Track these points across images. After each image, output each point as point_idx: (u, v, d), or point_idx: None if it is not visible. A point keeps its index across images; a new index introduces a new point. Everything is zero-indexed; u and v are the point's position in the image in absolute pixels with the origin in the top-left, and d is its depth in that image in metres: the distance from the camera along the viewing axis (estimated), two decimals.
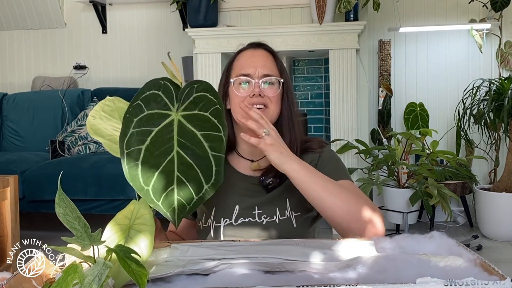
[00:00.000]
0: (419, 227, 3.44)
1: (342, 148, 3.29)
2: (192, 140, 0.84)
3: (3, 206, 2.39)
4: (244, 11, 3.68)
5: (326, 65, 3.62)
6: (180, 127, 0.85)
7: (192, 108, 0.86)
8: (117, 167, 1.09)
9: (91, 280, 0.67)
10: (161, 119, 0.85)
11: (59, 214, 0.73)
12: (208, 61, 3.49)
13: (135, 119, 0.84)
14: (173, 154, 0.84)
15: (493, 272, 0.74)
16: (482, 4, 3.50)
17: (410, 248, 0.88)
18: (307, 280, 0.78)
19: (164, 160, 0.83)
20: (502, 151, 3.49)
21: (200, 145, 0.84)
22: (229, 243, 0.94)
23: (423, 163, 3.08)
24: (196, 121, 0.85)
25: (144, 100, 0.86)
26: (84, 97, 3.97)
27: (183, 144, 0.84)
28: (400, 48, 3.73)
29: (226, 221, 1.27)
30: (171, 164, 0.83)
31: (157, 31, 4.12)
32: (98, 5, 4.03)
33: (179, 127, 0.85)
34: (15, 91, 4.24)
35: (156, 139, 0.84)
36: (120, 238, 0.81)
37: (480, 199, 3.29)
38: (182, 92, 0.88)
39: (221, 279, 0.79)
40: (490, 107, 3.14)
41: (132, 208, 0.85)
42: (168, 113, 0.85)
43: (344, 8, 3.28)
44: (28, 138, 3.95)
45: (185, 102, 0.87)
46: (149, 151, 0.83)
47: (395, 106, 3.73)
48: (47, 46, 4.32)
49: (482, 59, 3.63)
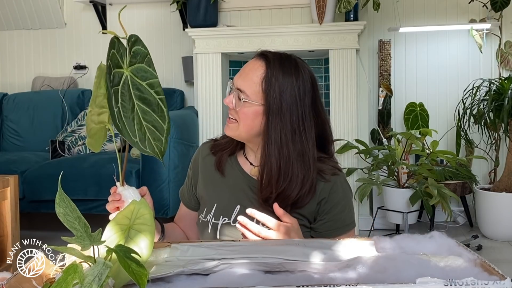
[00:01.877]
0: (419, 227, 3.44)
1: (342, 148, 3.29)
2: (143, 90, 1.00)
3: (3, 206, 2.39)
4: (244, 11, 3.68)
5: (326, 65, 3.62)
6: (132, 82, 1.00)
7: (134, 62, 1.00)
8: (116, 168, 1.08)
9: (91, 280, 0.67)
10: (120, 77, 0.99)
11: (59, 214, 0.73)
12: (208, 61, 3.49)
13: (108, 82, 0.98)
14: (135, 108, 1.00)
15: (493, 272, 0.74)
16: (482, 4, 3.50)
17: (410, 248, 0.88)
18: (307, 280, 0.78)
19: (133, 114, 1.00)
20: (502, 151, 3.49)
21: (148, 92, 1.00)
22: (229, 243, 0.94)
23: (423, 163, 3.08)
24: (140, 72, 1.00)
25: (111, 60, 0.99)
26: (84, 97, 3.97)
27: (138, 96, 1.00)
28: (400, 48, 3.73)
29: (224, 220, 1.28)
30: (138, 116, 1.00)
31: (157, 31, 4.12)
32: (98, 5, 4.03)
33: (131, 82, 0.99)
34: (15, 91, 4.24)
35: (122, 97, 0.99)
36: (120, 238, 0.81)
37: (480, 199, 3.29)
38: (126, 48, 1.01)
39: (221, 279, 0.79)
40: (490, 107, 3.14)
41: (132, 208, 0.85)
42: (121, 71, 0.99)
43: (344, 8, 3.28)
44: (28, 138, 3.95)
45: (129, 57, 1.01)
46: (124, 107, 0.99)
47: (395, 106, 3.73)
48: (47, 46, 4.32)
49: (482, 59, 3.63)
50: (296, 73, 1.23)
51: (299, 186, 1.21)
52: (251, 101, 1.22)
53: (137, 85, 1.00)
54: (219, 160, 1.35)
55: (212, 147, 1.38)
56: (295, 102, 1.21)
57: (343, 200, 1.28)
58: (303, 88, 1.22)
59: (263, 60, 1.23)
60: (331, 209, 1.26)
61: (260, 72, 1.22)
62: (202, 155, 1.41)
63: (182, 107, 3.87)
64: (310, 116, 1.24)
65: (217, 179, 1.34)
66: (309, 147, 1.22)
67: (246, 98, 1.22)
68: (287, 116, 1.20)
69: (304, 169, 1.21)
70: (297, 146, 1.21)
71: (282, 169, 1.21)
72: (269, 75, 1.21)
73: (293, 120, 1.21)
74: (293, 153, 1.21)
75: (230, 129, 1.27)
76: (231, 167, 1.34)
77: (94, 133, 1.04)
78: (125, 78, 0.99)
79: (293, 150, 1.21)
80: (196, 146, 3.48)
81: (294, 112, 1.21)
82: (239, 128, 1.25)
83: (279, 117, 1.20)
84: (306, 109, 1.23)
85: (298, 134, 1.21)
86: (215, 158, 1.36)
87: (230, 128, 1.27)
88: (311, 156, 1.22)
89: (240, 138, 1.29)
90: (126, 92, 0.99)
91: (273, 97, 1.20)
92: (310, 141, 1.23)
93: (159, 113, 1.01)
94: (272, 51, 1.27)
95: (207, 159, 1.39)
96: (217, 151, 1.36)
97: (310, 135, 1.23)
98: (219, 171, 1.34)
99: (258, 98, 1.22)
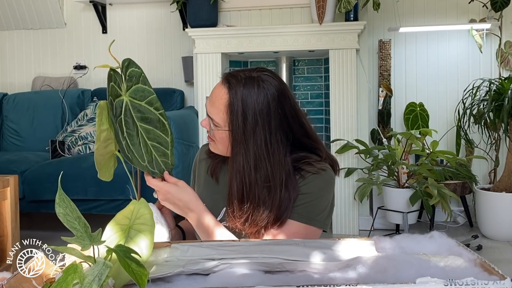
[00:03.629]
0: (419, 227, 3.44)
1: (342, 148, 3.29)
2: (144, 110, 1.05)
3: (3, 206, 2.39)
4: (244, 11, 3.68)
5: (326, 65, 3.62)
6: (132, 106, 1.04)
7: (130, 85, 1.04)
8: (117, 167, 1.09)
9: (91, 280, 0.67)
10: (121, 106, 1.03)
11: (59, 214, 0.73)
12: (208, 61, 3.49)
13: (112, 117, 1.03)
14: (139, 130, 1.05)
15: (493, 272, 0.74)
16: (482, 4, 3.50)
17: (410, 248, 0.88)
18: (307, 280, 0.78)
19: (138, 138, 1.05)
20: (502, 151, 3.49)
21: (148, 111, 1.06)
22: (229, 243, 0.94)
23: (423, 163, 3.08)
24: (138, 93, 1.04)
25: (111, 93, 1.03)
26: (84, 97, 3.97)
27: (140, 118, 1.05)
28: (400, 48, 3.73)
29: None
30: (143, 138, 1.06)
31: (157, 31, 4.12)
32: (98, 5, 4.03)
33: (131, 106, 1.04)
34: (15, 91, 4.24)
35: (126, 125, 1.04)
36: (120, 238, 0.81)
37: (480, 199, 3.29)
38: (121, 74, 1.04)
39: (221, 279, 0.79)
40: (490, 107, 3.14)
41: (132, 208, 0.85)
42: (121, 99, 1.03)
43: (344, 8, 3.28)
44: (28, 138, 3.95)
45: (126, 82, 1.04)
46: (129, 135, 1.04)
47: (395, 106, 3.73)
48: (47, 46, 4.32)
49: (482, 59, 3.63)
50: (258, 94, 1.20)
51: (267, 211, 1.20)
52: (220, 128, 1.24)
53: (137, 107, 1.04)
54: (213, 166, 1.39)
55: (208, 150, 1.39)
56: (260, 124, 1.19)
57: (311, 195, 1.24)
58: (267, 108, 1.20)
59: (227, 87, 1.22)
60: (301, 198, 1.24)
61: (224, 100, 1.21)
62: (200, 158, 1.46)
63: (182, 107, 3.87)
64: (279, 135, 1.21)
65: (210, 183, 1.39)
66: (278, 169, 1.20)
67: (217, 125, 1.24)
68: (250, 142, 1.19)
69: (271, 194, 1.20)
70: (262, 172, 1.20)
71: (245, 196, 1.21)
72: (232, 101, 1.20)
73: (258, 144, 1.19)
74: (257, 180, 1.20)
75: (212, 147, 1.32)
76: (224, 174, 1.37)
77: (104, 164, 1.08)
78: (125, 105, 1.03)
79: (256, 177, 1.20)
80: (196, 146, 3.48)
81: (259, 136, 1.19)
82: (218, 147, 1.28)
83: (243, 145, 1.20)
84: (273, 130, 1.20)
85: (264, 159, 1.20)
86: (210, 163, 1.40)
87: (212, 145, 1.31)
88: (278, 179, 1.20)
89: (223, 154, 1.31)
90: (129, 119, 1.04)
91: (236, 124, 1.20)
92: (278, 162, 1.21)
93: (161, 128, 1.07)
94: (236, 73, 1.24)
95: (203, 162, 1.43)
96: (212, 156, 1.39)
97: (277, 156, 1.21)
98: (212, 178, 1.39)
99: (226, 124, 1.22)
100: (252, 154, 1.20)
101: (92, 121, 3.73)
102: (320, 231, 1.26)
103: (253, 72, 1.24)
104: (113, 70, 1.02)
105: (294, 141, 1.26)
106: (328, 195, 1.28)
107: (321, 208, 1.26)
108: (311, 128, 1.30)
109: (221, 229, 1.22)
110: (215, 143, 1.28)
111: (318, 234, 1.26)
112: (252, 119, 1.19)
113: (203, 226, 1.22)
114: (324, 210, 1.27)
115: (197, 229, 1.23)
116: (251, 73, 1.24)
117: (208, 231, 1.21)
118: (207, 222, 1.21)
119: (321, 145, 1.32)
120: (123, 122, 1.02)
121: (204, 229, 1.22)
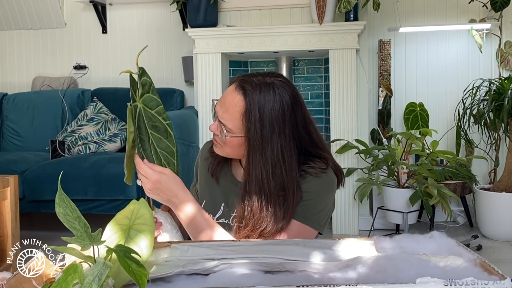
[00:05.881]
0: (419, 227, 3.44)
1: (342, 148, 3.29)
2: (153, 118, 1.09)
3: (3, 206, 2.39)
4: (244, 11, 3.68)
5: (326, 65, 3.62)
6: (145, 113, 1.09)
7: (143, 93, 1.08)
8: (117, 167, 1.10)
9: (91, 280, 0.67)
10: (136, 111, 1.08)
11: (59, 214, 0.73)
12: (208, 61, 3.49)
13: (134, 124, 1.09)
14: (150, 137, 1.10)
15: (493, 272, 0.74)
16: (482, 4, 3.50)
17: (410, 248, 0.88)
18: (307, 280, 0.78)
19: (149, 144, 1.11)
20: (502, 151, 3.49)
21: (158, 120, 1.09)
22: (229, 243, 0.94)
23: (423, 163, 3.08)
24: (149, 101, 1.08)
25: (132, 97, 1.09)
26: (84, 97, 3.97)
27: (151, 126, 1.09)
28: (400, 48, 3.73)
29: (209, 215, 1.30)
30: (153, 145, 1.11)
31: (157, 31, 4.12)
32: (98, 5, 4.03)
33: (144, 113, 1.08)
34: (15, 91, 4.23)
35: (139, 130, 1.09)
36: (120, 238, 0.81)
37: (480, 199, 3.29)
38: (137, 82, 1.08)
39: (221, 279, 0.79)
40: (490, 107, 3.13)
41: (132, 208, 0.85)
42: (136, 104, 1.09)
43: (344, 8, 3.28)
44: (28, 138, 3.95)
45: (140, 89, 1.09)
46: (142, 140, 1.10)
47: (395, 106, 3.73)
48: (47, 46, 4.32)
49: (482, 59, 3.63)
50: (274, 101, 1.20)
51: (274, 223, 1.19)
52: (234, 134, 1.22)
53: (149, 114, 1.09)
54: (214, 166, 1.39)
55: (211, 149, 1.39)
56: (276, 131, 1.19)
57: (308, 194, 1.24)
58: (282, 115, 1.20)
59: (242, 94, 1.21)
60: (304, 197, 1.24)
61: (240, 107, 1.20)
62: (202, 157, 1.46)
63: (182, 107, 3.87)
64: (292, 142, 1.22)
65: (211, 181, 1.40)
66: (291, 178, 1.20)
67: (230, 132, 1.22)
68: (268, 150, 1.19)
69: (284, 205, 1.20)
70: (278, 180, 1.20)
71: (264, 206, 1.19)
72: (249, 109, 1.19)
73: (274, 152, 1.19)
74: (274, 189, 1.19)
75: (217, 149, 1.30)
76: (225, 174, 1.38)
77: (130, 167, 1.16)
78: (139, 110, 1.08)
79: (274, 185, 1.19)
80: (196, 146, 3.48)
81: (275, 144, 1.19)
82: (226, 151, 1.27)
83: (261, 153, 1.19)
84: (287, 137, 1.21)
85: (279, 167, 1.19)
86: (212, 162, 1.40)
87: (218, 148, 1.30)
88: (291, 188, 1.20)
89: (230, 157, 1.32)
90: (142, 124, 1.08)
91: (254, 132, 1.19)
92: (291, 170, 1.21)
93: (168, 138, 1.11)
94: (249, 79, 1.23)
95: (205, 161, 1.43)
96: (213, 155, 1.39)
97: (291, 164, 1.21)
98: (213, 177, 1.39)
99: (240, 131, 1.22)
100: (270, 162, 1.19)
101: (92, 121, 3.73)
102: (315, 232, 1.26)
103: (267, 78, 1.23)
104: (132, 75, 1.07)
105: (301, 149, 1.26)
106: (326, 197, 1.28)
107: (318, 209, 1.25)
108: (319, 137, 1.29)
109: (210, 220, 1.22)
110: (222, 147, 1.27)
111: (312, 234, 1.25)
112: (269, 126, 1.19)
113: (191, 216, 1.20)
114: (321, 212, 1.26)
115: (186, 220, 1.20)
116: (265, 78, 1.23)
117: (196, 222, 1.19)
118: (195, 213, 1.20)
119: (329, 153, 1.31)
120: (137, 127, 1.08)
121: (192, 220, 1.20)
